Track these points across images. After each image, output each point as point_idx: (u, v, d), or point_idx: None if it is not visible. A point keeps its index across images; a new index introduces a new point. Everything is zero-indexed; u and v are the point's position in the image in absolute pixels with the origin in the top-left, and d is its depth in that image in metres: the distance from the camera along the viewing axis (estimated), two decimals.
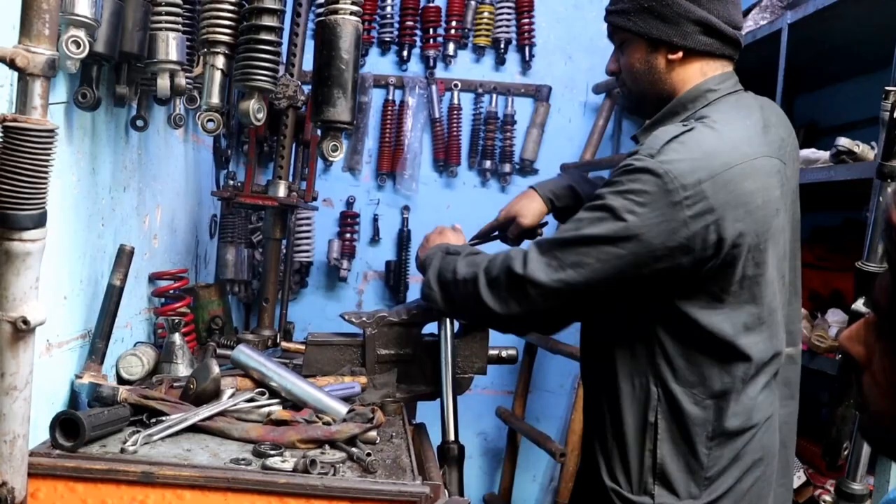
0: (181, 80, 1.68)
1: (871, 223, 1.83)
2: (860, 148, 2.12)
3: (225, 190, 2.14)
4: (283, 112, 2.26)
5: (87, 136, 1.59)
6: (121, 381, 1.81)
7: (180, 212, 2.37)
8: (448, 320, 1.95)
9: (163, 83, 1.62)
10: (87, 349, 1.66)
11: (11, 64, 1.13)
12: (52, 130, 1.17)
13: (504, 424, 3.56)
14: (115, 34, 1.46)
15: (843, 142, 2.13)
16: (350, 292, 3.67)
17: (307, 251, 3.46)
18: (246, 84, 1.49)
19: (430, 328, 2.00)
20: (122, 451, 1.42)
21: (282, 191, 2.16)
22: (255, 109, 1.48)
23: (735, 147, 1.51)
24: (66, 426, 1.41)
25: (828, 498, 2.04)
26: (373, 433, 1.61)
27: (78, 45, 1.31)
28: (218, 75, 1.53)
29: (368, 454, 1.47)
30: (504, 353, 2.02)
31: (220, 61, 1.52)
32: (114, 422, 1.48)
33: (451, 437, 1.86)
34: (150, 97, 1.87)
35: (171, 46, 1.59)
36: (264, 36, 1.50)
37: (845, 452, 1.91)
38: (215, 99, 1.53)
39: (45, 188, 1.20)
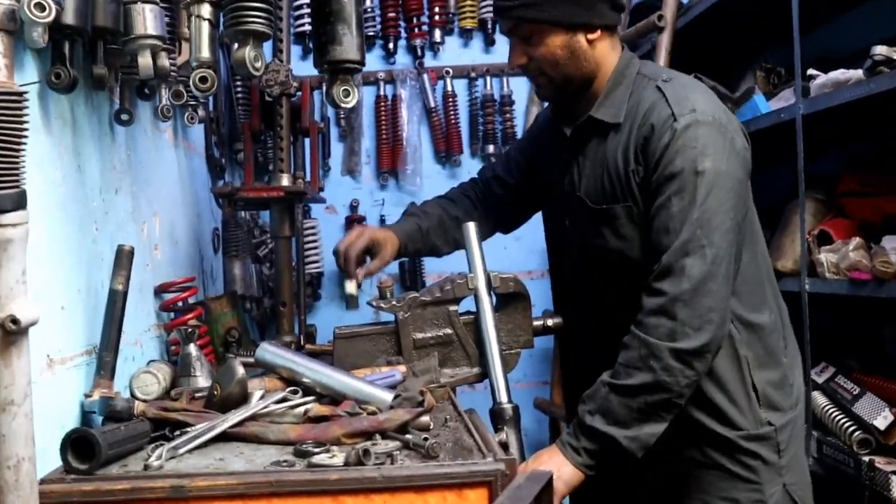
0: (164, 62, 1.52)
1: None
2: None
3: (225, 187, 1.97)
4: (276, 101, 2.10)
5: (67, 128, 1.42)
6: None
7: (180, 222, 2.20)
8: (485, 292, 1.78)
9: (144, 62, 1.45)
10: (93, 367, 1.48)
11: None
12: (20, 94, 1.01)
13: (544, 416, 3.38)
14: (85, 4, 1.30)
15: (881, 49, 1.96)
16: (366, 299, 3.49)
17: (316, 261, 3.30)
18: (239, 29, 1.32)
19: (467, 304, 1.83)
20: (146, 467, 1.24)
21: (286, 181, 1.99)
22: (251, 57, 1.31)
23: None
24: (79, 447, 1.22)
25: None
26: (426, 418, 1.43)
27: (42, 9, 1.15)
28: (206, 26, 1.35)
29: (426, 438, 1.29)
30: (550, 322, 1.84)
31: (206, 10, 1.34)
32: (133, 437, 1.30)
33: (504, 399, 1.69)
34: (133, 90, 1.71)
35: (147, 19, 1.41)
36: None
37: None
38: (205, 53, 1.36)
39: (18, 163, 1.03)
